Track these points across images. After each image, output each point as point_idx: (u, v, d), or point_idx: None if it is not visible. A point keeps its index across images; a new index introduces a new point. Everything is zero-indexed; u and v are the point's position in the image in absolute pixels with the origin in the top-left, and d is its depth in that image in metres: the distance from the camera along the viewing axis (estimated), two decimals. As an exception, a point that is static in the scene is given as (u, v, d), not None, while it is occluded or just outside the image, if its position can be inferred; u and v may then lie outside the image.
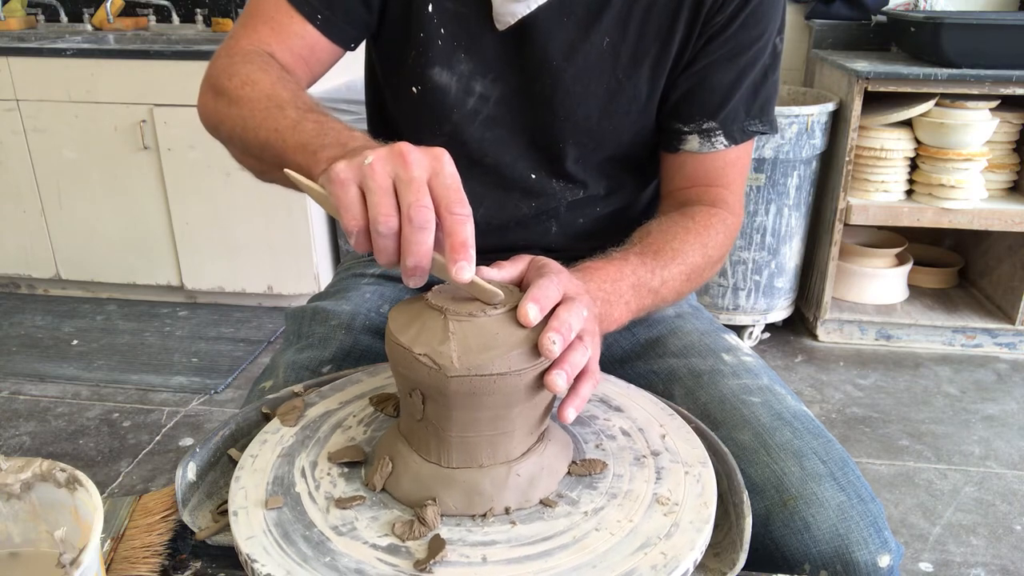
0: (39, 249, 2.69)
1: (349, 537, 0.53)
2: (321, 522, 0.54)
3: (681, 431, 0.65)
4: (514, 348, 0.52)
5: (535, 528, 0.54)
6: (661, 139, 0.88)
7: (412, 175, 0.51)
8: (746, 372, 0.80)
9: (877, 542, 0.64)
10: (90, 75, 2.42)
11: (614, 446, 0.63)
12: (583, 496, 0.57)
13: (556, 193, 0.90)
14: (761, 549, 0.66)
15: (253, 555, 0.51)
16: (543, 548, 0.52)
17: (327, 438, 0.63)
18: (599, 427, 0.65)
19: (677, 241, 0.78)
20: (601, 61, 0.82)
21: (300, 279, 2.57)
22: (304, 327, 0.87)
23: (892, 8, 2.50)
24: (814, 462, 0.69)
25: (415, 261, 0.51)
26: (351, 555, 0.51)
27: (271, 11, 0.80)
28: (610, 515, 0.55)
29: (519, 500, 0.56)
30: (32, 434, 2.02)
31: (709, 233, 0.81)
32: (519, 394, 0.53)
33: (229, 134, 0.74)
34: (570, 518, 0.55)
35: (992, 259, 2.56)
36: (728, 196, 0.87)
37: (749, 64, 0.83)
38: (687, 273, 0.78)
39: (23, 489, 0.50)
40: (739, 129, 0.85)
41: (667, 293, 0.76)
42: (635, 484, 0.58)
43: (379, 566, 0.50)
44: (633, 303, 0.71)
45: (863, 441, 2.00)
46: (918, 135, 2.26)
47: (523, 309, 0.53)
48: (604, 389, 0.71)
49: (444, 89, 0.84)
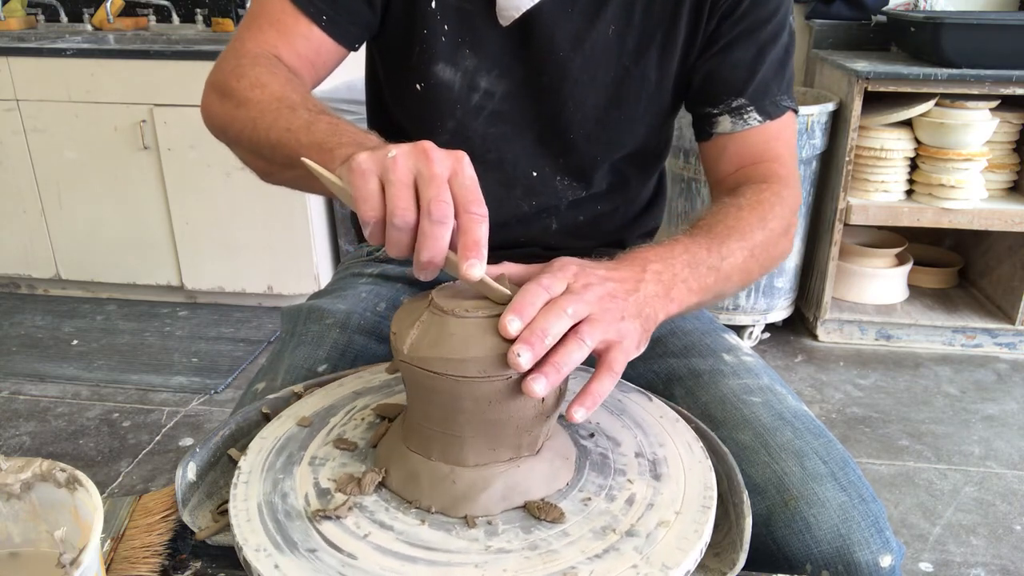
0: (39, 249, 2.69)
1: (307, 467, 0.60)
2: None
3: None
4: (474, 353, 0.52)
5: (437, 536, 0.53)
6: (695, 130, 0.88)
7: (434, 171, 0.52)
8: (747, 372, 0.80)
9: (879, 542, 0.64)
10: (90, 75, 2.42)
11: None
12: (532, 529, 0.54)
13: (558, 190, 0.90)
14: (762, 549, 0.65)
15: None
16: (418, 555, 0.51)
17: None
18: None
19: (731, 219, 0.74)
20: (607, 49, 0.83)
21: (300, 279, 2.57)
22: (299, 325, 0.87)
23: (892, 8, 2.50)
24: (815, 462, 0.68)
25: (430, 256, 0.52)
26: (296, 488, 0.57)
27: (276, 13, 0.80)
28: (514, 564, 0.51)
29: (446, 505, 0.55)
30: (32, 434, 2.01)
31: (764, 207, 0.77)
32: (466, 401, 0.53)
33: (237, 135, 0.74)
34: (476, 543, 0.52)
35: (992, 259, 2.56)
36: (777, 168, 0.83)
37: (769, 40, 0.82)
38: (749, 248, 0.72)
39: (23, 489, 0.50)
40: (772, 103, 0.83)
41: (730, 270, 0.70)
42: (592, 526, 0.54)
43: (298, 500, 0.56)
44: (693, 282, 0.66)
45: (863, 441, 2.00)
46: (918, 135, 2.26)
47: (503, 320, 0.52)
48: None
49: (448, 85, 0.84)
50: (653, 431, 0.65)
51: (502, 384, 0.53)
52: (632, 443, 0.63)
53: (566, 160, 0.88)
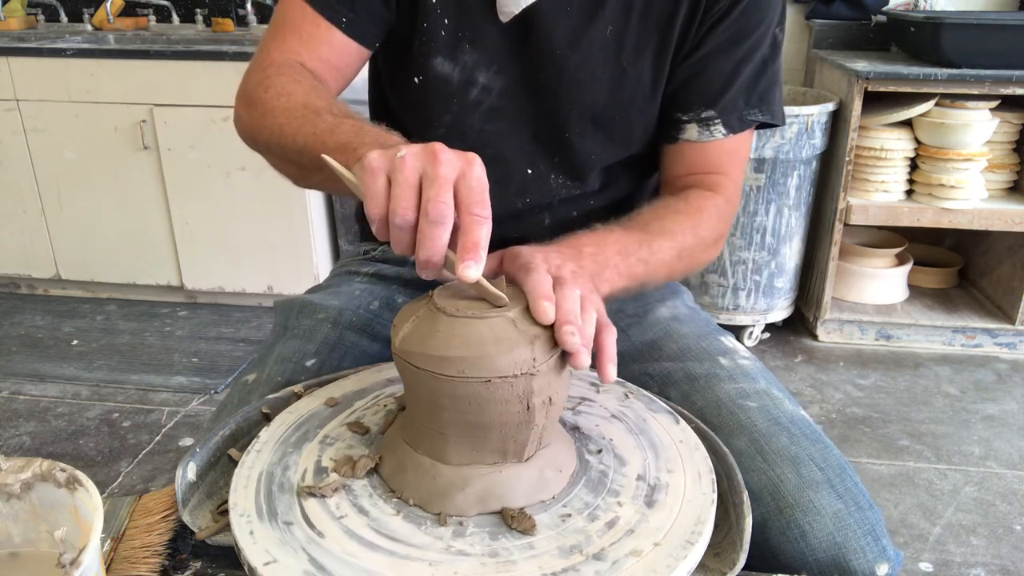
0: (39, 249, 2.69)
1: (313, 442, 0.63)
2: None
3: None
4: (455, 353, 0.52)
5: (407, 529, 0.54)
6: (661, 130, 0.89)
7: (439, 172, 0.52)
8: (743, 376, 0.79)
9: (875, 550, 0.64)
10: (90, 75, 2.42)
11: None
12: (501, 537, 0.54)
13: (552, 188, 0.90)
14: (758, 556, 0.65)
15: None
16: (381, 544, 0.53)
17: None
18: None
19: (667, 220, 0.80)
20: (605, 49, 0.83)
21: (300, 279, 2.57)
22: (292, 319, 0.88)
23: (892, 8, 2.50)
24: (811, 469, 0.68)
25: (427, 255, 0.52)
26: (299, 463, 0.60)
27: (298, 20, 0.82)
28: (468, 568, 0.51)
29: (423, 500, 0.56)
30: (32, 434, 2.01)
31: (701, 215, 0.82)
32: (445, 399, 0.54)
33: (267, 143, 0.75)
34: (440, 542, 0.53)
35: (992, 259, 2.56)
36: (725, 182, 0.87)
37: (749, 53, 0.83)
38: (677, 250, 0.78)
39: (23, 489, 0.50)
40: (738, 118, 0.85)
41: (657, 266, 0.76)
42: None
43: (296, 475, 0.59)
44: (622, 267, 0.72)
45: (863, 441, 2.00)
46: (918, 135, 2.26)
47: (539, 306, 0.55)
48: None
49: (446, 79, 0.84)
50: (666, 455, 0.62)
51: (480, 386, 0.53)
52: (639, 465, 0.61)
53: (561, 158, 0.89)
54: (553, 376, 0.55)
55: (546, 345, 0.54)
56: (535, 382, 0.53)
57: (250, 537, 0.52)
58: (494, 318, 0.54)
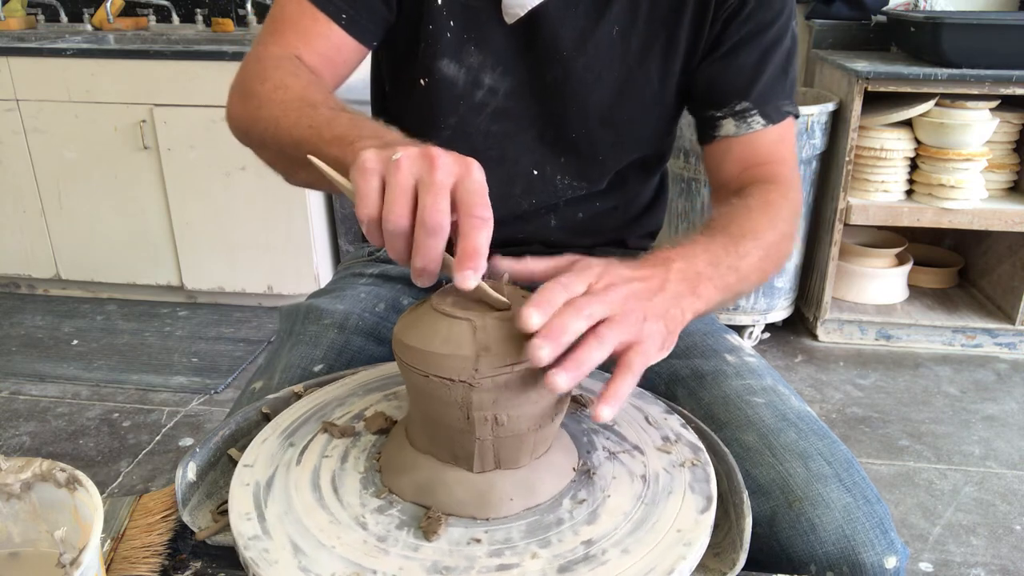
0: (39, 249, 2.69)
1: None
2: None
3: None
4: (428, 348, 0.53)
5: (353, 488, 0.58)
6: (698, 132, 0.88)
7: (435, 179, 0.50)
8: (749, 373, 0.80)
9: (883, 543, 0.64)
10: (90, 75, 2.42)
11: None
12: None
13: (558, 189, 0.90)
14: (767, 550, 0.65)
15: None
16: (324, 488, 0.58)
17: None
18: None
19: (743, 219, 0.74)
20: (611, 49, 0.83)
21: (300, 279, 2.57)
22: (297, 325, 0.87)
23: (892, 8, 2.50)
24: (819, 463, 0.68)
25: (423, 264, 0.51)
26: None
27: (296, 15, 0.81)
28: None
29: (384, 467, 0.59)
30: (32, 434, 2.01)
31: (772, 209, 0.77)
32: (412, 391, 0.56)
33: (261, 136, 0.74)
34: (362, 508, 0.56)
35: (992, 259, 2.56)
36: (782, 170, 0.84)
37: (773, 44, 0.83)
38: (764, 248, 0.72)
39: (23, 489, 0.50)
40: (775, 108, 0.84)
41: (748, 270, 0.70)
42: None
43: (333, 415, 0.67)
44: (717, 279, 0.65)
45: (863, 441, 2.00)
46: (918, 135, 2.26)
47: (523, 313, 0.50)
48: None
49: (452, 81, 0.84)
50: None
51: (422, 380, 0.53)
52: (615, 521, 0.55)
53: (567, 159, 0.88)
54: (506, 394, 0.52)
55: (499, 360, 0.51)
56: (474, 394, 0.52)
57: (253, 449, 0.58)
58: (460, 320, 0.53)
